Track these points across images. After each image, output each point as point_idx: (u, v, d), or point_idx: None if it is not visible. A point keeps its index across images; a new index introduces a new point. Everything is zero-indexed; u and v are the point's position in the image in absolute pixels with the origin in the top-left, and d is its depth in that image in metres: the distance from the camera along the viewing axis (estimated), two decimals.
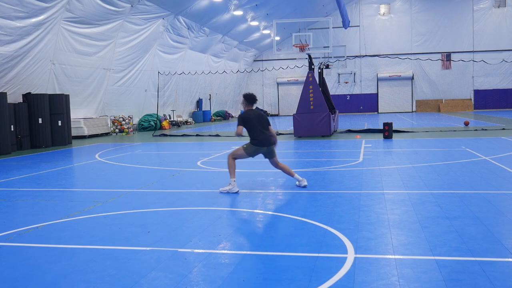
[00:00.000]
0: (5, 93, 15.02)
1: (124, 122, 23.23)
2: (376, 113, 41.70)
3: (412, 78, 41.47)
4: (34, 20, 16.79)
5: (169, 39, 26.82)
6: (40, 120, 16.41)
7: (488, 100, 40.55)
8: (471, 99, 40.83)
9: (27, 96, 16.70)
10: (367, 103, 42.41)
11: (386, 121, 16.29)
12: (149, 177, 9.19)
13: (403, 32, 41.20)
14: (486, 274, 3.65)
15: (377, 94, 42.26)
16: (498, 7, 40.04)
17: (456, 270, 3.78)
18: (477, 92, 40.80)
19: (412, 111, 41.56)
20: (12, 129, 15.21)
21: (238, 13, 28.49)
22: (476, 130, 18.09)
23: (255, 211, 6.05)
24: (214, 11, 27.03)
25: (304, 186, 7.40)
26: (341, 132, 19.29)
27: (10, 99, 16.16)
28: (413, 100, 41.86)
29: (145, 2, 21.52)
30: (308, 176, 8.60)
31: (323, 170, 9.34)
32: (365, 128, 21.04)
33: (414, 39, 41.11)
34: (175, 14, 24.98)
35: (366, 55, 33.33)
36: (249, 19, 31.31)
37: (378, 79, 41.95)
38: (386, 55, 36.62)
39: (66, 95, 17.98)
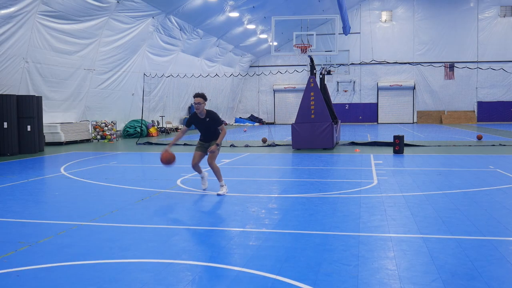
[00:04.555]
0: None
1: (106, 128, 21.32)
2: (375, 123, 40.06)
3: (414, 88, 39.91)
4: (3, 12, 14.93)
5: (160, 40, 25.02)
6: (5, 125, 14.48)
7: (492, 112, 39.00)
8: (474, 111, 39.27)
9: None
10: (367, 113, 40.79)
11: (396, 134, 14.50)
12: (111, 201, 7.29)
13: (405, 40, 39.74)
14: None
15: (377, 104, 40.64)
16: (504, 17, 38.65)
17: None
18: (480, 104, 39.27)
19: (413, 122, 39.95)
20: None
21: (234, 14, 26.78)
22: (494, 145, 16.36)
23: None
24: (209, 11, 25.28)
25: None
26: (343, 145, 17.50)
27: None
28: (414, 110, 40.27)
29: None
30: (315, 205, 6.76)
31: (332, 196, 7.50)
32: (369, 140, 19.29)
33: (417, 48, 39.63)
34: (166, 13, 23.19)
35: (369, 63, 31.67)
36: (245, 22, 29.60)
37: (379, 88, 40.36)
38: (388, 63, 35.05)
39: (38, 96, 16.06)
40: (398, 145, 14.00)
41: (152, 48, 24.85)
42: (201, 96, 7.56)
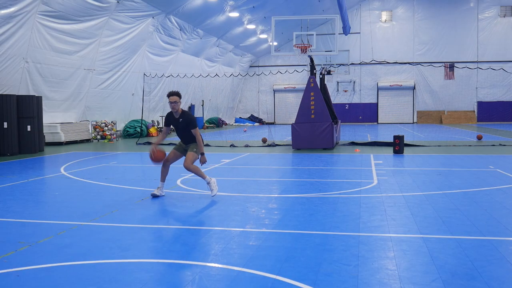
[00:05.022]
0: None
1: (106, 128, 21.32)
2: (375, 123, 40.06)
3: (414, 88, 39.91)
4: (3, 12, 14.93)
5: (160, 40, 25.02)
6: (5, 125, 14.48)
7: (492, 112, 39.01)
8: (474, 111, 39.27)
9: None
10: (367, 113, 40.80)
11: (396, 134, 14.51)
12: (112, 201, 7.30)
13: (405, 40, 39.75)
14: None
15: (377, 104, 40.65)
16: (504, 17, 38.65)
17: None
18: (480, 104, 39.27)
19: (413, 122, 39.95)
20: None
21: (234, 14, 26.78)
22: (494, 145, 16.36)
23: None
24: (209, 11, 25.28)
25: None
26: (343, 145, 17.50)
27: None
28: (414, 110, 40.27)
29: None
30: (315, 205, 6.76)
31: (332, 196, 7.50)
32: (369, 140, 19.29)
33: (417, 48, 39.64)
34: (166, 13, 23.20)
35: (369, 63, 31.68)
36: (245, 22, 29.60)
37: (379, 88, 40.37)
38: (388, 63, 35.05)
39: (38, 96, 16.07)
40: (398, 145, 14.00)
41: (152, 48, 24.85)
42: (176, 94, 7.33)
